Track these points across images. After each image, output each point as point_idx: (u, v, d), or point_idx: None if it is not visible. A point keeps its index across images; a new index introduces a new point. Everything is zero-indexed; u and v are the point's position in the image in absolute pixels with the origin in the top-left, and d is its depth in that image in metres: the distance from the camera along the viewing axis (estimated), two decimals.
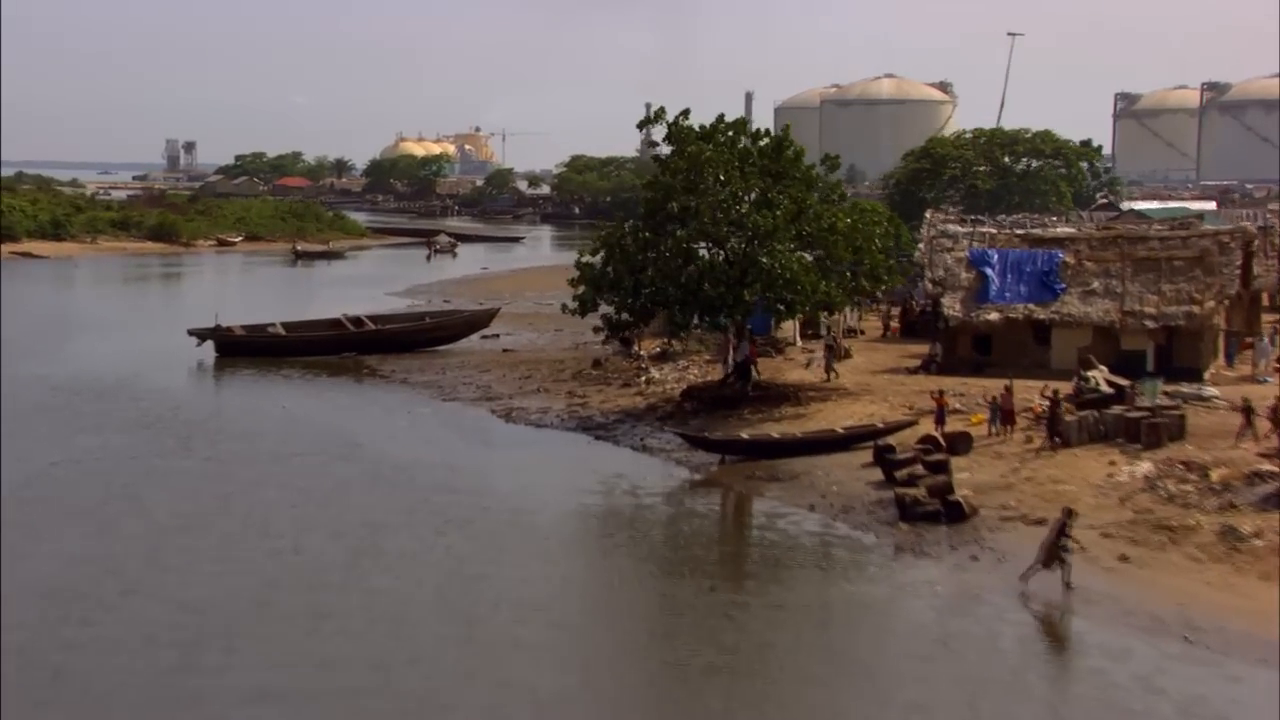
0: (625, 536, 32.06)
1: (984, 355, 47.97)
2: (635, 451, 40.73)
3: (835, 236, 43.74)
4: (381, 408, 48.40)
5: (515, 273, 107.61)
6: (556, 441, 42.50)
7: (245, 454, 40.04)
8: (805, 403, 43.74)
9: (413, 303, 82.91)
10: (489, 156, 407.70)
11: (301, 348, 59.97)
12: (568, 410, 46.30)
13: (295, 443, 41.70)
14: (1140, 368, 44.92)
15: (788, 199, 43.81)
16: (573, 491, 36.16)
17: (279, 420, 45.55)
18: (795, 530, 32.02)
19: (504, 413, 46.38)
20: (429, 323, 62.90)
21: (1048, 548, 26.86)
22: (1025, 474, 34.05)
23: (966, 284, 48.70)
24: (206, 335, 59.43)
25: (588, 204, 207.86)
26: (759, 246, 42.91)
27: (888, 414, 41.58)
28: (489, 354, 59.76)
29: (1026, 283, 48.00)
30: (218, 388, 54.58)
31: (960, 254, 49.60)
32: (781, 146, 45.05)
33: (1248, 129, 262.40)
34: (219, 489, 35.64)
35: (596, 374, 52.51)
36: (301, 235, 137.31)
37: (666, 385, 48.73)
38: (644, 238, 43.72)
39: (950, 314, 48.06)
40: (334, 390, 52.27)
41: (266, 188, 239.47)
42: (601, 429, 43.48)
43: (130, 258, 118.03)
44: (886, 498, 33.20)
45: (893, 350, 53.57)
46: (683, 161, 43.98)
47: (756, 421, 42.32)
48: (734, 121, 45.85)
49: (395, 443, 42.02)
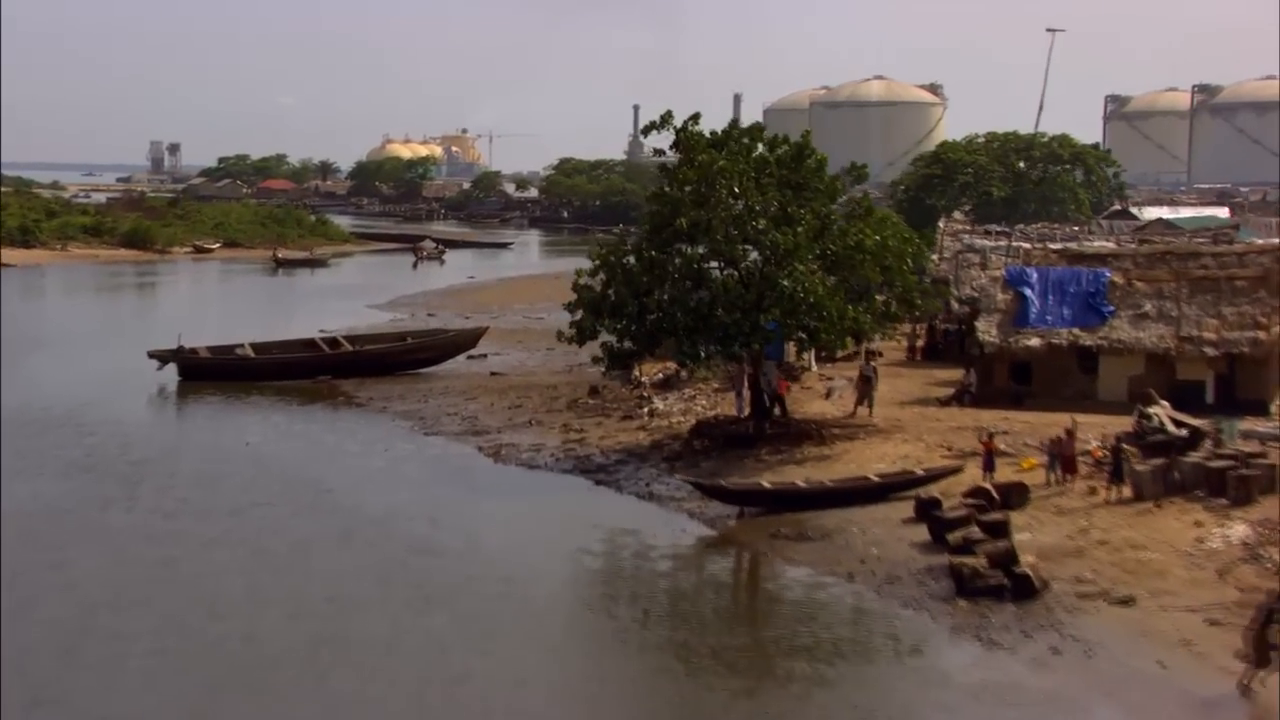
0: (635, 616, 27.32)
1: (1023, 385, 43.35)
2: (640, 500, 36.02)
3: (862, 255, 39.04)
4: (357, 443, 43.65)
5: (503, 282, 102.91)
6: (551, 486, 37.80)
7: (199, 504, 35.27)
8: (829, 441, 39.07)
9: (395, 316, 78.30)
10: (476, 158, 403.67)
11: (272, 371, 55.20)
12: (563, 448, 41.59)
13: (257, 489, 36.95)
14: (1198, 400, 40.43)
15: (810, 213, 39.12)
16: (572, 554, 31.49)
17: (241, 460, 40.76)
18: (835, 607, 27.33)
19: (492, 450, 41.65)
20: (411, 343, 58.04)
21: (1255, 640, 21.67)
22: (1096, 535, 29.39)
23: (1003, 306, 44.07)
24: (168, 358, 54.61)
25: (576, 208, 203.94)
26: (778, 267, 38.20)
27: (924, 456, 36.99)
28: (476, 378, 55.06)
29: (1070, 305, 43.37)
30: (177, 418, 49.81)
31: (995, 272, 44.97)
32: (802, 155, 40.34)
33: (1239, 131, 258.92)
34: (163, 551, 30.89)
35: (594, 403, 47.82)
36: (282, 241, 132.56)
37: (672, 418, 44.03)
38: (649, 257, 38.99)
39: (986, 339, 43.41)
40: (305, 421, 47.51)
41: (250, 190, 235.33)
42: (601, 471, 38.76)
43: (102, 266, 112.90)
44: (937, 564, 28.56)
45: (917, 376, 48.95)
46: (692, 172, 39.20)
47: (776, 464, 37.67)
48: (749, 128, 41.18)
49: (371, 488, 37.31)
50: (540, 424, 45.17)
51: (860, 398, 41.95)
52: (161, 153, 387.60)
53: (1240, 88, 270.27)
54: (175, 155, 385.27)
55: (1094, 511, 31.05)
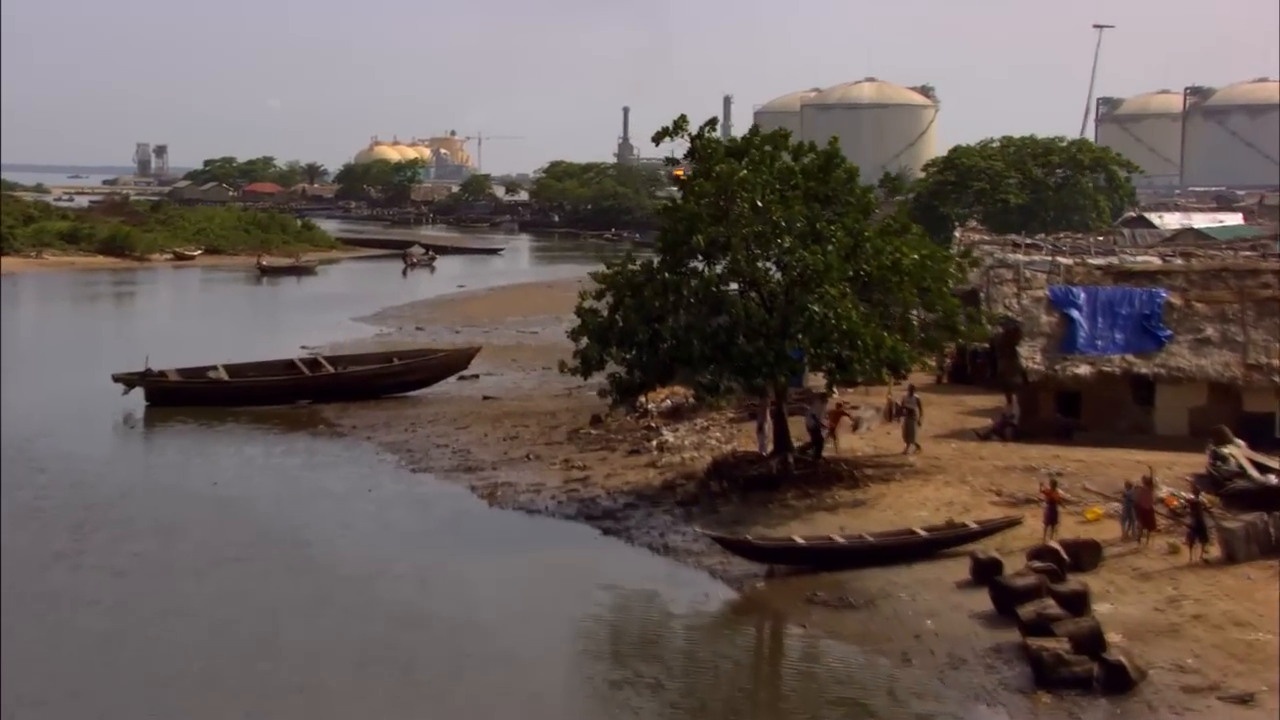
0: (656, 710, 23.29)
1: (1071, 417, 39.37)
2: (654, 553, 31.99)
3: (899, 277, 35.01)
4: (339, 480, 39.58)
5: (494, 292, 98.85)
6: (554, 536, 33.75)
7: (156, 560, 31.25)
8: (862, 483, 35.05)
9: (382, 330, 74.24)
10: (464, 160, 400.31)
11: (248, 396, 51.05)
12: (565, 488, 37.56)
13: (224, 541, 32.87)
14: (1266, 435, 36.51)
15: (841, 230, 35.08)
16: (581, 623, 27.50)
17: (208, 503, 36.67)
18: (893, 700, 23.31)
19: (487, 491, 37.62)
20: (398, 365, 53.83)
21: None
22: (1189, 608, 25.39)
23: (1048, 329, 40.09)
24: (134, 381, 50.47)
25: (568, 212, 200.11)
26: (806, 289, 34.15)
27: (971, 502, 33.03)
28: (468, 403, 51.01)
29: (1123, 328, 39.41)
30: (141, 451, 45.65)
31: (1038, 292, 41.00)
32: (830, 164, 36.34)
33: (1232, 134, 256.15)
34: (108, 624, 26.89)
35: (596, 434, 43.80)
36: (266, 248, 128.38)
37: (684, 453, 39.99)
38: (663, 279, 34.92)
39: (1030, 367, 39.42)
40: (281, 455, 43.39)
41: (236, 194, 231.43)
42: (609, 518, 34.72)
43: (78, 274, 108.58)
44: (1005, 643, 24.58)
45: (947, 403, 44.83)
46: (710, 184, 35.15)
47: (804, 510, 33.69)
48: (771, 134, 37.02)
49: (352, 540, 33.25)
50: (539, 459, 41.17)
51: (905, 433, 38.01)
52: (148, 155, 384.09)
53: (1233, 90, 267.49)
54: (162, 157, 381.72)
55: (1179, 575, 27.07)
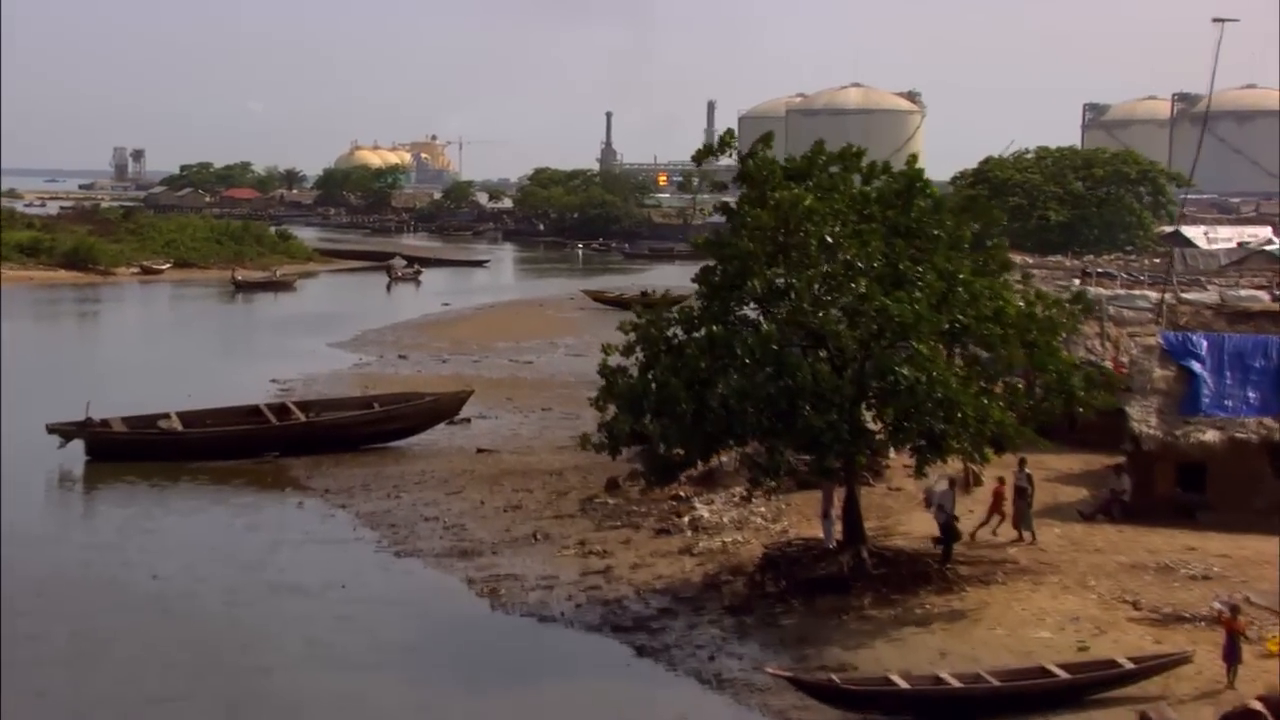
0: None
1: (1195, 493, 32.61)
2: (703, 687, 25.05)
3: (1003, 329, 28.11)
4: (308, 567, 32.57)
5: (482, 312, 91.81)
6: (575, 660, 26.73)
7: (66, 701, 24.26)
8: (955, 587, 28.24)
9: (361, 359, 67.24)
10: (446, 165, 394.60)
11: (205, 449, 43.94)
12: (583, 583, 30.64)
13: (160, 667, 25.92)
14: None
15: (930, 271, 28.16)
16: None
17: (144, 606, 29.65)
18: None
19: (489, 588, 30.64)
20: (379, 412, 46.68)
21: None
22: None
23: (1163, 385, 33.33)
24: (72, 433, 43.35)
25: (553, 220, 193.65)
26: (890, 347, 27.31)
27: (1103, 616, 26.26)
28: (459, 457, 44.06)
29: (1257, 385, 32.68)
30: (74, 524, 38.35)
31: (1149, 340, 34.28)
32: (913, 190, 29.45)
33: (1220, 140, 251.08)
34: None
35: (614, 504, 36.98)
36: (240, 261, 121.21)
37: (724, 535, 33.18)
38: (709, 334, 27.95)
39: (1144, 432, 32.65)
40: (238, 531, 36.24)
41: (213, 199, 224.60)
42: (643, 630, 27.76)
43: (36, 290, 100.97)
44: None
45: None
46: (768, 215, 28.15)
47: (889, 624, 26.84)
48: (841, 152, 29.99)
49: (319, 663, 26.31)
50: (548, 538, 34.29)
51: (1016, 519, 31.20)
52: (125, 159, 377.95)
53: (1221, 97, 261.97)
54: (139, 162, 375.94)
55: None
